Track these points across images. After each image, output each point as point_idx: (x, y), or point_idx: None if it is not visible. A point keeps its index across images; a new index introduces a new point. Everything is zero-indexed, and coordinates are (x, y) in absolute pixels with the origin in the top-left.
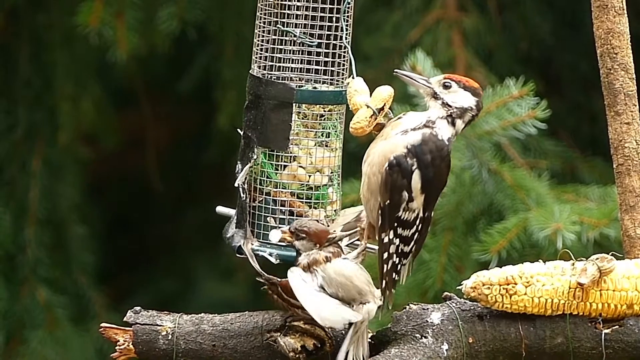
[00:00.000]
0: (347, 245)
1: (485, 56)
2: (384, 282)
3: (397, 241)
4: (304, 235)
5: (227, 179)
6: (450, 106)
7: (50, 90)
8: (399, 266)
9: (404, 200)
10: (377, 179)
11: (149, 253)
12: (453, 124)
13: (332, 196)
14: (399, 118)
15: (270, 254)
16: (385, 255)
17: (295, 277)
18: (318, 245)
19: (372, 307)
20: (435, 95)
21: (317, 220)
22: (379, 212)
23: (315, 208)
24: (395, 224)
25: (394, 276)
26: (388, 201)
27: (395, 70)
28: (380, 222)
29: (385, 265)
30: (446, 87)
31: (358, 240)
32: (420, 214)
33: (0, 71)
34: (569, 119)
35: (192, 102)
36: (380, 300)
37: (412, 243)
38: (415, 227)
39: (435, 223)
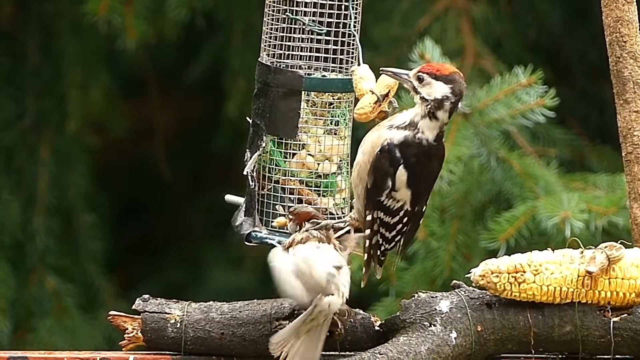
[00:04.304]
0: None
1: (494, 44)
2: (366, 255)
3: (378, 221)
4: (291, 217)
5: (236, 167)
6: (427, 100)
7: (59, 79)
8: (382, 247)
9: (388, 188)
10: (366, 166)
11: (157, 241)
12: (436, 118)
13: (341, 184)
14: (399, 111)
15: (279, 242)
16: (368, 232)
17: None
18: (298, 226)
19: (335, 301)
20: (415, 90)
21: (321, 209)
22: (365, 192)
23: (324, 196)
24: (377, 208)
25: (377, 252)
26: (372, 183)
27: (381, 68)
28: (365, 201)
29: (368, 241)
30: (420, 80)
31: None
32: (408, 207)
33: (9, 59)
34: (577, 107)
35: (200, 90)
36: (346, 298)
37: (395, 232)
38: (398, 217)
39: (444, 211)
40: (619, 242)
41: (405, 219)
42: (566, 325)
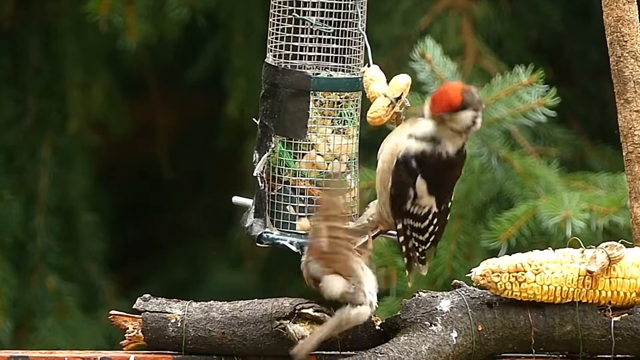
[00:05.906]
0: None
1: (495, 44)
2: (405, 259)
3: (409, 228)
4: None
5: (237, 167)
6: (458, 130)
7: (60, 78)
8: (420, 249)
9: (411, 197)
10: (386, 175)
11: (158, 241)
12: (466, 135)
13: (351, 183)
14: (418, 117)
15: (291, 243)
16: (402, 238)
17: None
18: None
19: (364, 311)
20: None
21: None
22: (390, 201)
23: None
24: (405, 216)
25: (416, 254)
26: (395, 193)
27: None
28: (392, 210)
29: (404, 246)
30: (442, 120)
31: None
32: (434, 210)
33: (10, 59)
34: (578, 106)
35: (201, 89)
36: (375, 308)
37: (427, 234)
38: (428, 220)
39: None
40: (619, 241)
41: (435, 220)
42: (567, 325)
